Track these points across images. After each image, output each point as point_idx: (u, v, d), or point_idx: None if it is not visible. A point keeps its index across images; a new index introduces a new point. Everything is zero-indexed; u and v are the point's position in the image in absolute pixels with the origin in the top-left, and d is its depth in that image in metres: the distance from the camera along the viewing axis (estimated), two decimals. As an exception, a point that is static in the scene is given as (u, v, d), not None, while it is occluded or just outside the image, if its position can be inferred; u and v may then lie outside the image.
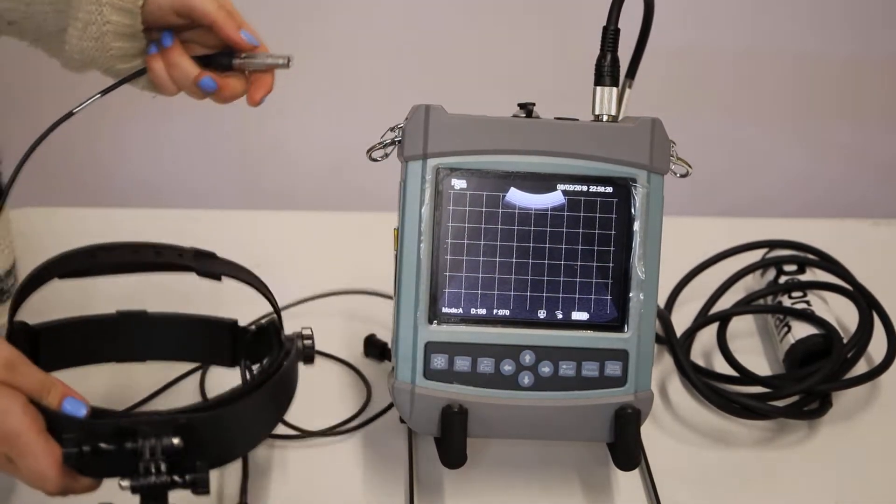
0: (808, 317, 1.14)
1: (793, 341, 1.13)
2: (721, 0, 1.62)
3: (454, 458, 0.93)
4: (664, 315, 1.15)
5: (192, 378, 1.11)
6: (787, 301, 1.18)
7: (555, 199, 0.94)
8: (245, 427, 0.87)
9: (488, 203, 0.94)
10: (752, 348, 1.20)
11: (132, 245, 0.93)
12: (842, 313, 1.19)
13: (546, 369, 0.94)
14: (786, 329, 1.15)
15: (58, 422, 0.81)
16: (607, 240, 0.95)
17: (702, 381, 1.09)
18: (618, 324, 0.95)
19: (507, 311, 0.95)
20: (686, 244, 1.24)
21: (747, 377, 1.11)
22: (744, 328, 1.22)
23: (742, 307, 1.21)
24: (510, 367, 0.94)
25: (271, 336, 0.95)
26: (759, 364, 1.17)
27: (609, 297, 0.95)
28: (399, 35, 1.62)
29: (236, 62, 0.99)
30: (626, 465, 0.95)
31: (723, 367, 1.13)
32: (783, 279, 1.21)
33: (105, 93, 0.98)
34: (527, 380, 0.94)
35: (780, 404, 1.08)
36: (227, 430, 0.85)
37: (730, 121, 1.67)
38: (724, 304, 1.22)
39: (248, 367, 0.95)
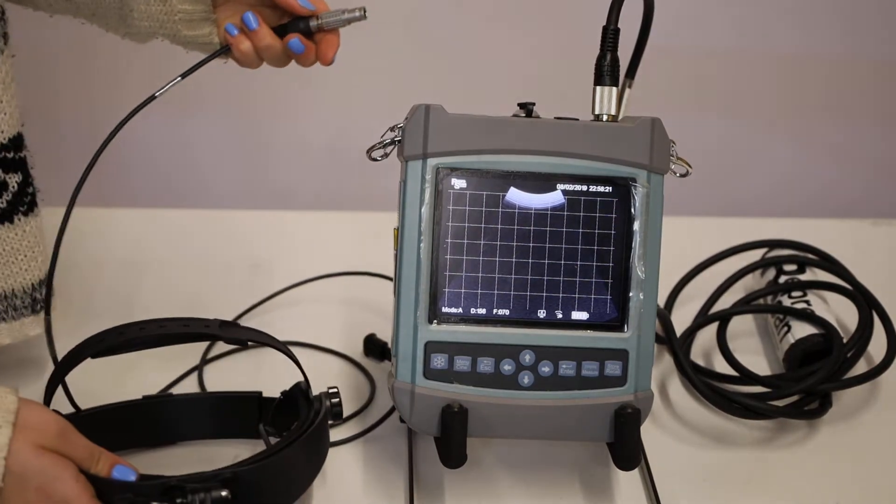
0: (807, 316, 1.14)
1: (793, 341, 1.13)
2: (722, 0, 1.62)
3: (454, 457, 0.93)
4: (664, 315, 1.15)
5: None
6: (786, 301, 1.18)
7: (555, 198, 0.95)
8: (286, 478, 0.92)
9: (488, 203, 0.94)
10: (752, 348, 1.20)
11: (160, 321, 0.97)
12: (842, 313, 1.19)
13: (546, 369, 0.94)
14: (786, 329, 1.15)
15: (110, 486, 0.86)
16: (607, 239, 0.95)
17: (702, 381, 1.09)
18: (618, 323, 0.95)
19: (507, 311, 0.95)
20: (686, 244, 1.24)
21: (747, 377, 1.11)
22: (744, 328, 1.22)
23: (742, 307, 1.21)
24: (510, 366, 0.94)
25: (298, 399, 0.98)
26: (759, 364, 1.17)
27: (609, 297, 0.95)
28: (399, 35, 1.62)
29: (314, 24, 1.00)
30: (626, 465, 0.95)
31: (722, 366, 1.13)
32: (783, 279, 1.21)
33: (185, 75, 1.00)
34: (526, 379, 0.94)
35: (780, 404, 1.08)
36: (269, 482, 0.90)
37: (729, 121, 1.67)
38: (724, 303, 1.22)
39: (268, 431, 0.98)
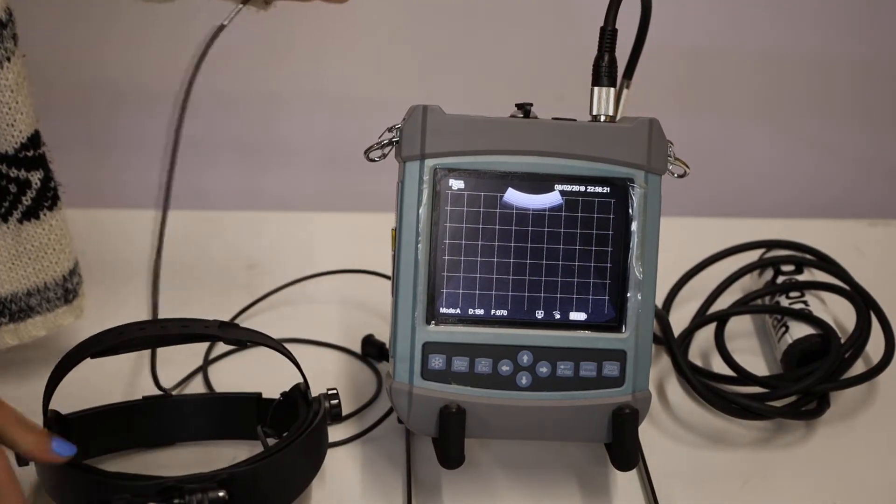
0: (805, 317, 1.14)
1: (790, 341, 1.13)
2: (723, 1, 1.62)
3: (452, 458, 0.93)
4: (662, 315, 1.16)
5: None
6: (784, 301, 1.18)
7: (552, 199, 0.94)
8: (283, 480, 0.92)
9: (486, 203, 0.94)
10: (750, 348, 1.20)
11: (159, 321, 0.98)
12: (840, 313, 1.19)
13: (544, 370, 0.94)
14: (783, 329, 1.15)
15: (107, 486, 0.86)
16: (605, 240, 0.95)
17: (700, 382, 1.09)
18: (615, 324, 0.95)
19: (505, 312, 0.95)
20: (684, 244, 1.24)
21: (745, 377, 1.11)
22: (741, 328, 1.22)
23: (740, 307, 1.21)
24: (508, 367, 0.94)
25: (297, 400, 0.98)
26: (757, 364, 1.17)
27: (607, 298, 0.95)
28: (398, 35, 1.62)
29: None
30: (624, 466, 0.95)
31: (720, 367, 1.14)
32: (781, 279, 1.21)
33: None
34: (524, 380, 0.94)
35: (778, 404, 1.08)
36: (267, 483, 0.90)
37: (727, 120, 1.67)
38: (722, 304, 1.22)
39: (267, 432, 0.98)
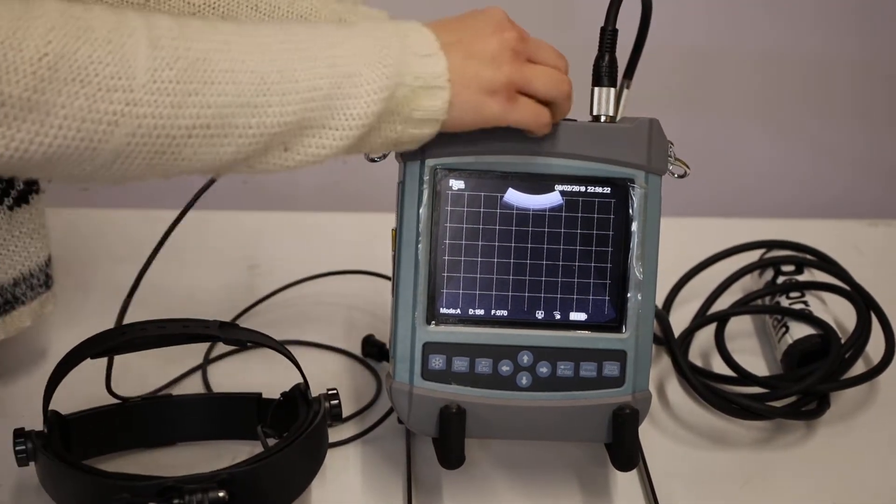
0: (805, 317, 1.14)
1: (791, 341, 1.13)
2: (723, 1, 1.62)
3: (452, 458, 0.93)
4: (662, 315, 1.16)
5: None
6: (784, 301, 1.18)
7: (552, 199, 0.94)
8: (283, 480, 0.92)
9: (486, 203, 0.94)
10: (750, 349, 1.20)
11: (160, 321, 0.97)
12: (840, 314, 1.19)
13: (544, 370, 0.94)
14: (784, 329, 1.15)
15: (107, 486, 0.86)
16: (605, 240, 0.95)
17: (700, 382, 1.09)
18: (616, 324, 0.95)
19: (506, 312, 0.95)
20: (684, 244, 1.24)
21: (745, 377, 1.11)
22: (742, 328, 1.22)
23: (740, 307, 1.21)
24: (508, 367, 0.94)
25: (297, 400, 0.98)
26: (758, 364, 1.17)
27: (607, 298, 0.95)
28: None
29: None
30: (624, 466, 0.95)
31: (721, 367, 1.14)
32: (781, 279, 1.21)
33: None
34: (524, 380, 0.94)
35: (778, 405, 1.08)
36: (267, 483, 0.90)
37: (727, 120, 1.67)
38: (722, 304, 1.22)
39: (267, 433, 0.97)
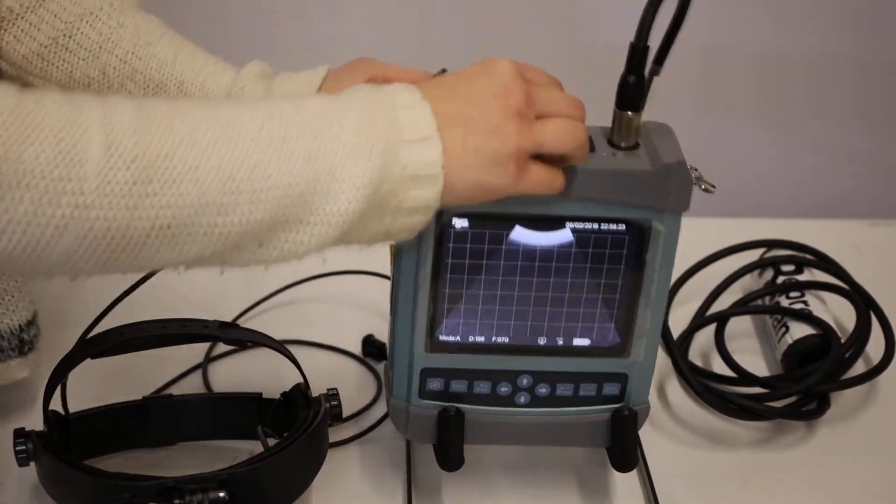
0: (805, 317, 1.14)
1: (791, 341, 1.13)
2: (723, 1, 1.62)
3: (451, 461, 0.92)
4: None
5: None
6: (784, 301, 1.18)
7: (563, 236, 0.87)
8: (283, 480, 0.92)
9: (491, 240, 0.87)
10: (750, 348, 1.20)
11: (160, 321, 0.97)
12: (839, 313, 1.19)
13: (543, 390, 0.92)
14: (784, 329, 1.15)
15: (108, 486, 0.86)
16: (616, 273, 0.89)
17: (699, 383, 1.09)
18: (620, 350, 0.92)
19: (507, 339, 0.91)
20: (683, 244, 1.23)
21: (745, 378, 1.11)
22: (741, 328, 1.22)
23: (740, 308, 1.20)
24: (506, 388, 0.92)
25: (298, 400, 0.98)
26: (758, 364, 1.17)
27: (613, 326, 0.91)
28: (403, 39, 1.62)
29: None
30: (622, 467, 0.95)
31: (720, 367, 1.13)
32: (781, 279, 1.21)
33: None
34: (523, 399, 0.93)
35: (778, 405, 1.08)
36: (267, 483, 0.90)
37: (729, 119, 1.67)
38: (722, 304, 1.22)
39: (267, 433, 0.97)
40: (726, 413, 1.08)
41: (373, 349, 1.15)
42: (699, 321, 1.18)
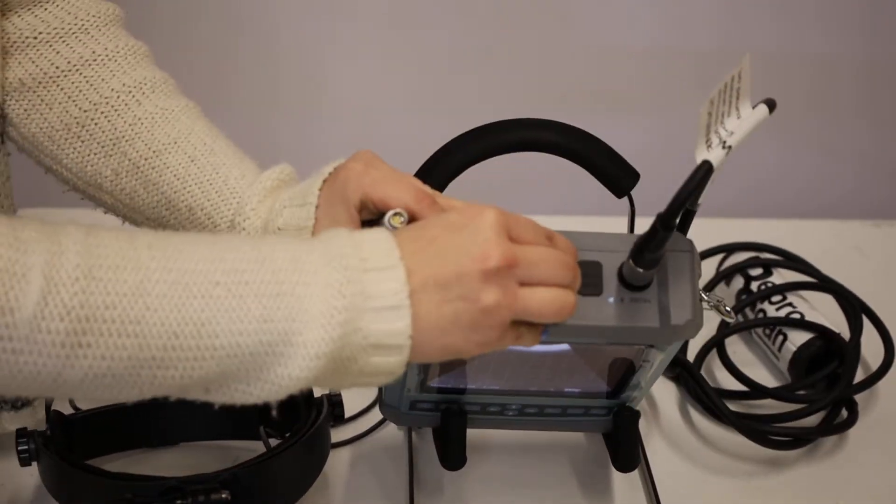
0: (802, 323, 1.13)
1: (794, 349, 1.12)
2: (725, 1, 1.62)
3: (454, 459, 0.93)
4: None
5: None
6: (770, 308, 1.16)
7: (559, 346, 0.87)
8: (285, 480, 0.92)
9: None
10: (748, 361, 1.17)
11: None
12: (822, 309, 1.17)
13: (531, 411, 0.94)
14: (781, 337, 1.13)
15: (110, 486, 0.86)
16: (611, 363, 0.90)
17: (745, 426, 1.04)
18: (612, 395, 0.94)
19: (498, 386, 0.92)
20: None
21: (773, 396, 1.10)
22: (729, 341, 1.17)
23: (734, 327, 1.16)
24: (496, 409, 0.94)
25: (299, 401, 0.98)
26: (760, 374, 1.15)
27: (605, 387, 0.93)
28: (399, 40, 1.62)
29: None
30: (624, 466, 0.96)
31: (725, 380, 1.13)
32: (755, 285, 1.19)
33: None
34: (511, 414, 0.94)
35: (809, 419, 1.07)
36: (269, 482, 0.90)
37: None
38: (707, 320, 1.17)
39: (269, 433, 0.97)
40: (775, 447, 1.05)
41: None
42: (704, 348, 1.14)
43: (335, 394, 0.98)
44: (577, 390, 0.93)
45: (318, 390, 0.98)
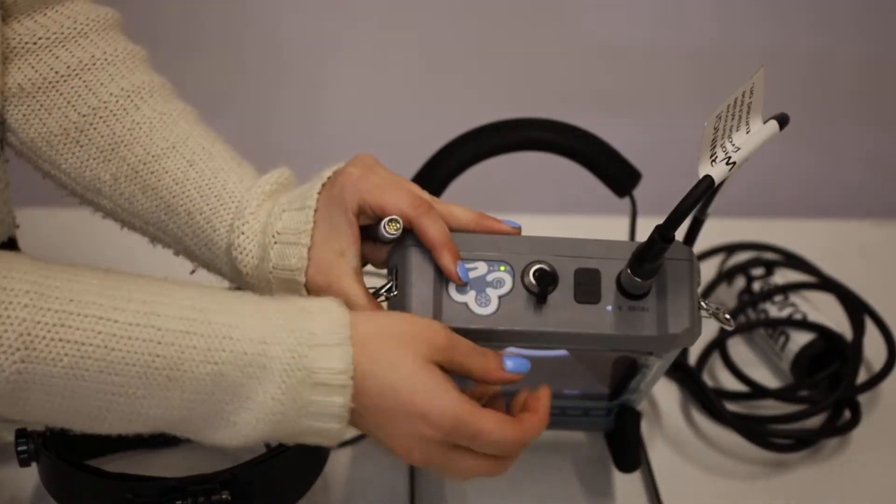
0: (803, 324, 1.13)
1: (796, 349, 1.12)
2: (724, 0, 1.62)
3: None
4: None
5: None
6: (772, 309, 1.16)
7: (556, 351, 0.86)
8: (285, 480, 0.91)
9: None
10: (749, 361, 1.17)
11: None
12: (823, 309, 1.17)
13: None
14: (783, 338, 1.14)
15: (109, 486, 0.86)
16: (609, 372, 0.90)
17: (751, 429, 1.05)
18: (609, 399, 0.94)
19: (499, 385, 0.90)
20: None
21: (766, 394, 1.10)
22: (730, 342, 1.17)
23: (738, 325, 1.17)
24: None
25: None
26: (761, 374, 1.14)
27: (606, 390, 0.94)
28: (399, 40, 1.62)
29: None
30: (627, 467, 0.96)
31: (726, 381, 1.13)
32: (757, 285, 1.19)
33: None
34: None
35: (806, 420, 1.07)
36: (270, 484, 0.90)
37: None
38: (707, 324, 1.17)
39: None
40: (776, 450, 1.05)
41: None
42: (706, 349, 1.14)
43: None
44: (577, 392, 0.93)
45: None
